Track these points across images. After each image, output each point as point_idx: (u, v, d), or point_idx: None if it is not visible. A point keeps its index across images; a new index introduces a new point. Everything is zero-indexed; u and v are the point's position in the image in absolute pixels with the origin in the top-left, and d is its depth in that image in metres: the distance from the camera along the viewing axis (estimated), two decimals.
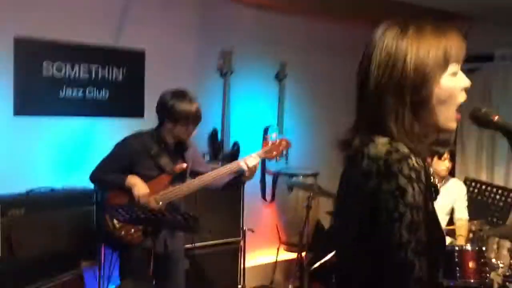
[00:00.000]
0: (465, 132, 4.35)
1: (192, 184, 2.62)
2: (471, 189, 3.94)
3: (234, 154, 3.90)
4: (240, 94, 4.28)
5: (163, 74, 3.77)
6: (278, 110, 4.52)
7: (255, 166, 2.59)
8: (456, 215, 3.61)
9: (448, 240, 3.56)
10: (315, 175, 4.33)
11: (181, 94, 2.56)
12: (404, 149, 1.03)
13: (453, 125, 1.12)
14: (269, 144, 2.71)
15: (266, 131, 4.30)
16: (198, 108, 2.57)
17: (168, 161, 2.58)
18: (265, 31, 4.36)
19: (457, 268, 3.17)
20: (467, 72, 1.11)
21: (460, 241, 3.51)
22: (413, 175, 1.01)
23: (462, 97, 1.11)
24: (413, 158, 1.02)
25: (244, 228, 3.80)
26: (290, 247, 4.30)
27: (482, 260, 3.17)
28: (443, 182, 3.58)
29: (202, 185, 2.63)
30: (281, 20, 4.45)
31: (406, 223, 1.00)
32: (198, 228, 2.44)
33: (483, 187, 3.90)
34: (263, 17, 4.35)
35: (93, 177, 2.65)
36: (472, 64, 4.28)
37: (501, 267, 3.24)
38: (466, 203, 3.63)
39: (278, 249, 4.32)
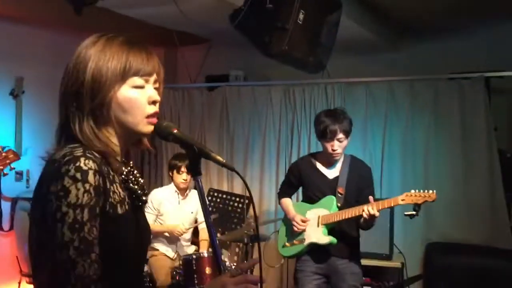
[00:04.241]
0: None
1: None
2: (214, 199, 5.59)
3: None
4: None
5: None
6: (15, 130, 5.30)
7: None
8: (199, 220, 5.12)
9: (192, 248, 5.13)
10: None
11: None
12: (79, 152, 1.37)
13: (143, 128, 1.50)
14: None
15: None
16: None
17: None
18: None
19: (195, 275, 4.24)
20: (208, 89, 1.76)
21: (203, 245, 5.00)
22: (79, 175, 1.33)
23: (150, 109, 1.50)
24: (84, 160, 1.35)
25: None
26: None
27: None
28: (186, 194, 5.14)
29: None
30: (18, 31, 5.24)
31: (69, 223, 1.31)
32: None
33: (224, 196, 5.61)
34: None
35: None
36: (212, 83, 6.29)
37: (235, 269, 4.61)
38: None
39: (19, 283, 5.04)
